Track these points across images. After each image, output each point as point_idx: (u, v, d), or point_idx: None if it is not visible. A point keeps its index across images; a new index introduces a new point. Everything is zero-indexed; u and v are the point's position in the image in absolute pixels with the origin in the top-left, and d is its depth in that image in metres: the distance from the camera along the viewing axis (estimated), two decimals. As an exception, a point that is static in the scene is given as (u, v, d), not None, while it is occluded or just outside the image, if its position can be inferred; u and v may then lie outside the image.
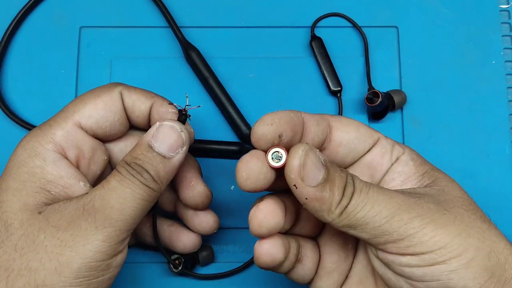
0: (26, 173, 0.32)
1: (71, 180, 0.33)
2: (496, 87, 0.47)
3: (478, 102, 0.47)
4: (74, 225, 0.30)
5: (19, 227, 0.30)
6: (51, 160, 0.33)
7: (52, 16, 0.48)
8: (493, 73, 0.47)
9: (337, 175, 0.30)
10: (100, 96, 0.35)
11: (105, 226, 0.30)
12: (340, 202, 0.29)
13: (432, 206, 0.29)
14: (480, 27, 0.48)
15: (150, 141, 0.33)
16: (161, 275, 0.43)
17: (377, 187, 0.30)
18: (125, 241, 0.32)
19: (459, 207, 0.30)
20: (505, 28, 0.48)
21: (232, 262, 0.43)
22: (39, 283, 0.29)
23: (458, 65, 0.47)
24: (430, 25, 0.48)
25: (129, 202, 0.31)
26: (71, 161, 0.34)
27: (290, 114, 0.32)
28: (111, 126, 0.35)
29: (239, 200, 0.45)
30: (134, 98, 0.36)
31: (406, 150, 0.34)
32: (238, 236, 0.44)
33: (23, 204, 0.31)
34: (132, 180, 0.32)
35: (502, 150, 0.46)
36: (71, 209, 0.31)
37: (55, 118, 0.34)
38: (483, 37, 0.48)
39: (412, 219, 0.29)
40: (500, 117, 0.46)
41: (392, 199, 0.29)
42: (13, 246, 0.30)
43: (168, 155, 0.33)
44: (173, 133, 0.33)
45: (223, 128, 0.46)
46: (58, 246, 0.30)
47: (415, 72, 0.47)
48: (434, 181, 0.32)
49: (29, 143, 0.33)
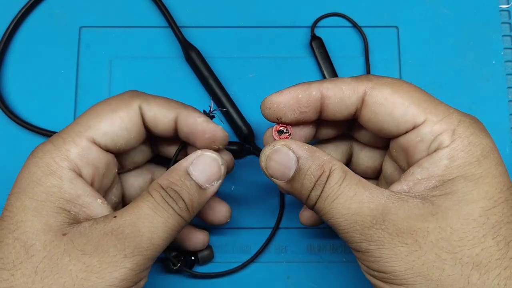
0: (43, 193, 0.30)
1: (89, 198, 0.32)
2: (496, 87, 0.47)
3: (478, 102, 0.47)
4: (102, 251, 0.29)
5: (42, 248, 0.29)
6: (67, 179, 0.31)
7: (52, 16, 0.48)
8: (493, 73, 0.47)
9: (312, 169, 0.30)
10: (117, 112, 0.33)
11: (134, 254, 0.29)
12: (310, 194, 0.31)
13: (399, 225, 0.28)
14: (480, 27, 0.48)
15: (189, 168, 0.32)
16: (159, 272, 0.43)
17: (355, 181, 0.30)
18: (150, 267, 0.31)
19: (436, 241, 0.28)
20: (505, 28, 0.48)
21: (230, 262, 0.44)
22: None
23: (458, 65, 0.47)
24: (430, 25, 0.48)
25: (160, 232, 0.30)
26: (86, 179, 0.32)
27: (298, 94, 0.32)
28: (126, 143, 0.34)
29: (239, 200, 0.45)
30: (156, 111, 0.34)
31: (455, 143, 0.29)
32: (237, 236, 0.44)
33: (45, 225, 0.30)
34: (166, 208, 0.30)
35: (502, 150, 0.45)
36: (98, 234, 0.29)
37: (69, 131, 0.33)
38: (483, 37, 0.48)
39: (371, 236, 0.29)
40: (500, 117, 0.46)
41: (359, 197, 0.29)
42: (33, 268, 0.28)
43: (204, 186, 0.32)
44: (214, 165, 0.32)
45: (223, 128, 0.46)
46: (83, 271, 0.28)
47: (415, 72, 0.47)
48: (450, 194, 0.29)
49: (43, 159, 0.31)
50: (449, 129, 0.30)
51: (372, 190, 0.30)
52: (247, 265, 0.43)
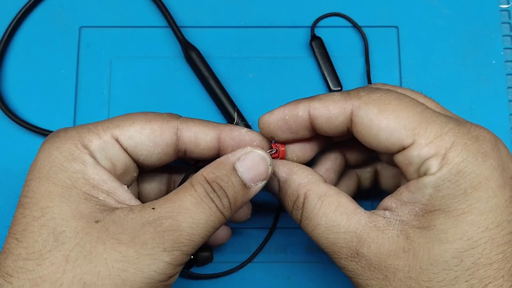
0: (68, 179, 0.29)
1: (114, 183, 0.30)
2: (496, 87, 0.47)
3: (478, 102, 0.47)
4: (139, 242, 0.27)
5: (73, 235, 0.27)
6: (90, 164, 0.30)
7: (52, 16, 0.48)
8: (493, 73, 0.47)
9: (288, 192, 0.32)
10: (151, 122, 0.32)
11: (173, 249, 0.28)
12: (292, 214, 0.32)
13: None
14: (480, 27, 0.48)
15: (236, 165, 0.30)
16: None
17: (333, 207, 0.30)
18: (184, 263, 0.30)
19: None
20: (505, 28, 0.48)
21: (229, 262, 0.44)
22: None
23: (458, 65, 0.47)
24: (430, 25, 0.48)
25: (200, 229, 0.29)
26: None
27: (285, 115, 0.32)
28: (146, 156, 0.33)
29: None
30: (196, 131, 0.33)
31: (441, 172, 0.27)
32: (236, 236, 0.44)
33: (75, 211, 0.28)
34: (210, 205, 0.29)
35: (502, 150, 0.46)
36: (134, 223, 0.28)
37: (96, 124, 0.32)
38: (483, 37, 0.48)
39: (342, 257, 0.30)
40: (500, 117, 0.46)
41: (335, 228, 0.30)
42: (63, 257, 0.27)
43: (249, 184, 0.31)
44: (262, 164, 0.31)
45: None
46: (120, 261, 0.27)
47: (415, 72, 0.47)
48: (426, 230, 0.27)
49: (65, 145, 0.30)
50: (439, 153, 0.27)
51: (350, 216, 0.30)
52: (246, 264, 0.43)
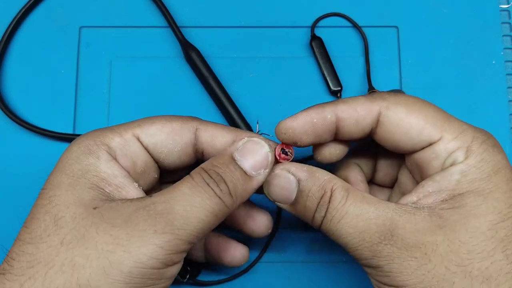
0: (79, 170, 0.30)
1: (125, 179, 0.31)
2: (496, 87, 0.47)
3: (478, 102, 0.47)
4: (131, 224, 0.28)
5: (71, 220, 0.28)
6: (104, 159, 0.31)
7: (52, 16, 0.48)
8: (493, 73, 0.47)
9: (313, 190, 0.31)
10: (171, 122, 0.34)
11: (165, 231, 0.28)
12: (314, 215, 0.31)
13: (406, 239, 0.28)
14: (480, 27, 0.48)
15: (234, 154, 0.31)
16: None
17: (359, 198, 0.30)
18: (183, 253, 0.29)
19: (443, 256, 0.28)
20: (505, 28, 0.48)
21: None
22: (83, 282, 0.26)
23: (458, 65, 0.47)
24: (430, 25, 0.48)
25: (196, 212, 0.28)
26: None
27: (313, 118, 0.32)
28: (167, 154, 0.34)
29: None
30: (214, 133, 0.34)
31: (468, 160, 0.30)
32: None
33: (77, 198, 0.29)
34: (206, 189, 0.29)
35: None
36: (130, 209, 0.28)
37: (119, 126, 0.33)
38: (483, 37, 0.48)
39: (378, 245, 0.29)
40: (500, 117, 0.46)
41: (365, 215, 0.29)
42: (59, 240, 0.28)
43: (250, 172, 0.31)
44: (261, 151, 0.31)
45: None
46: (110, 244, 0.27)
47: (415, 72, 0.47)
48: (459, 208, 0.29)
49: (85, 141, 0.32)
50: (464, 146, 0.30)
51: (377, 205, 0.30)
52: (249, 269, 0.43)
